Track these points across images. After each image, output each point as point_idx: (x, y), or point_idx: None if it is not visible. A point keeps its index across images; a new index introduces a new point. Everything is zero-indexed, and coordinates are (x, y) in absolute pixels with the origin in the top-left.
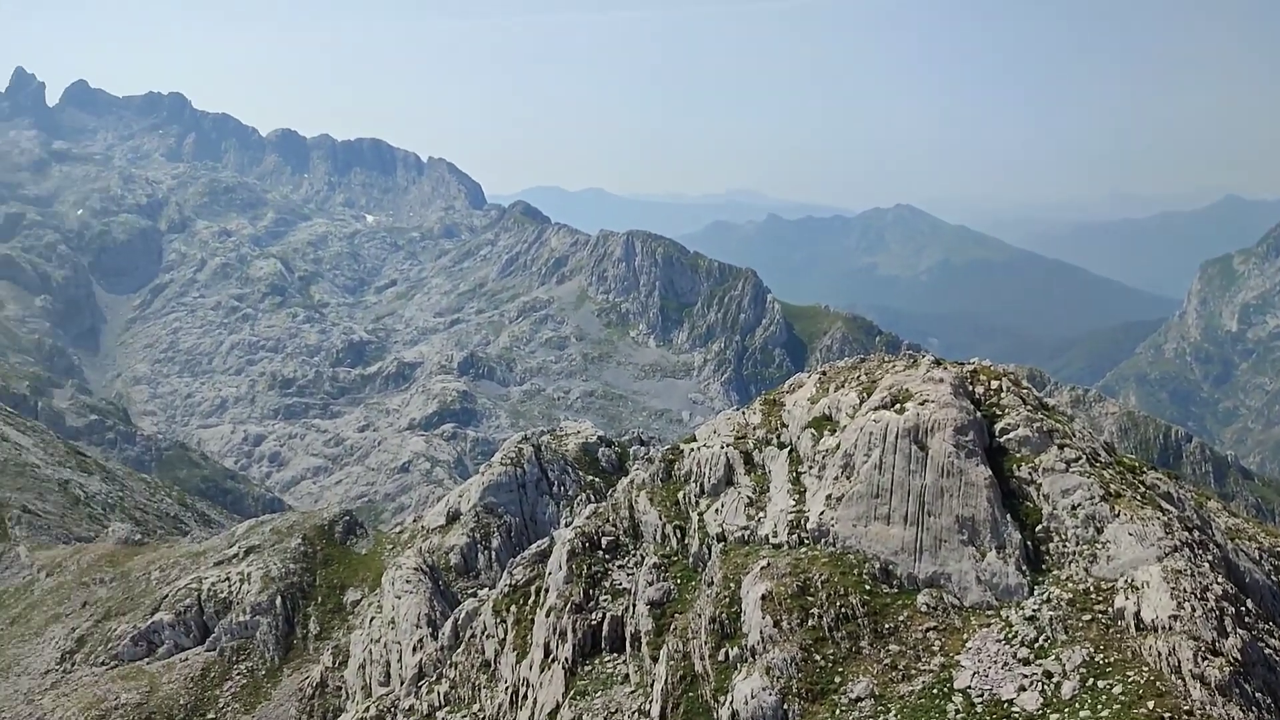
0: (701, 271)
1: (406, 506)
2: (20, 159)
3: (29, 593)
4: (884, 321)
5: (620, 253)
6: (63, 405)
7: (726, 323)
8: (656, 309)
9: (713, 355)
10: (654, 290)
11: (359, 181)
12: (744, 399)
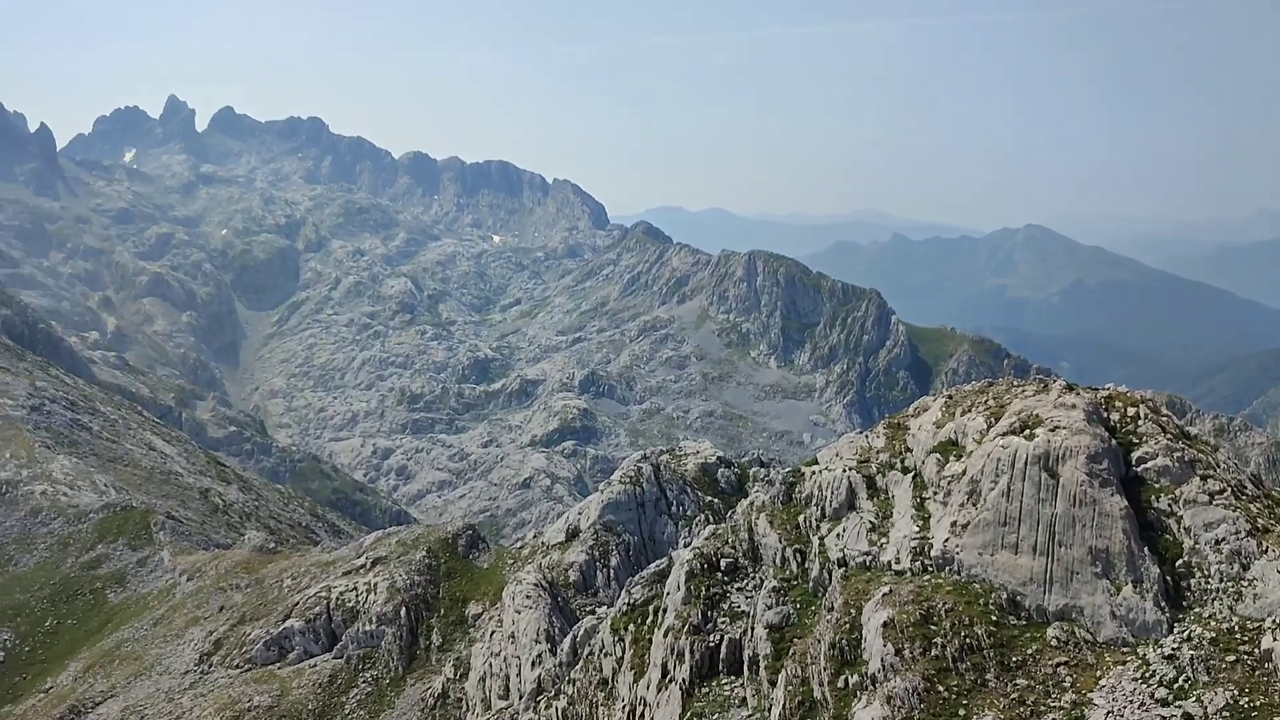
0: (824, 292)
1: (527, 522)
2: (171, 182)
3: (171, 595)
4: (1012, 344)
5: (742, 272)
6: (205, 417)
7: (849, 344)
8: (778, 329)
9: (835, 377)
10: (775, 310)
11: (486, 203)
12: (867, 422)
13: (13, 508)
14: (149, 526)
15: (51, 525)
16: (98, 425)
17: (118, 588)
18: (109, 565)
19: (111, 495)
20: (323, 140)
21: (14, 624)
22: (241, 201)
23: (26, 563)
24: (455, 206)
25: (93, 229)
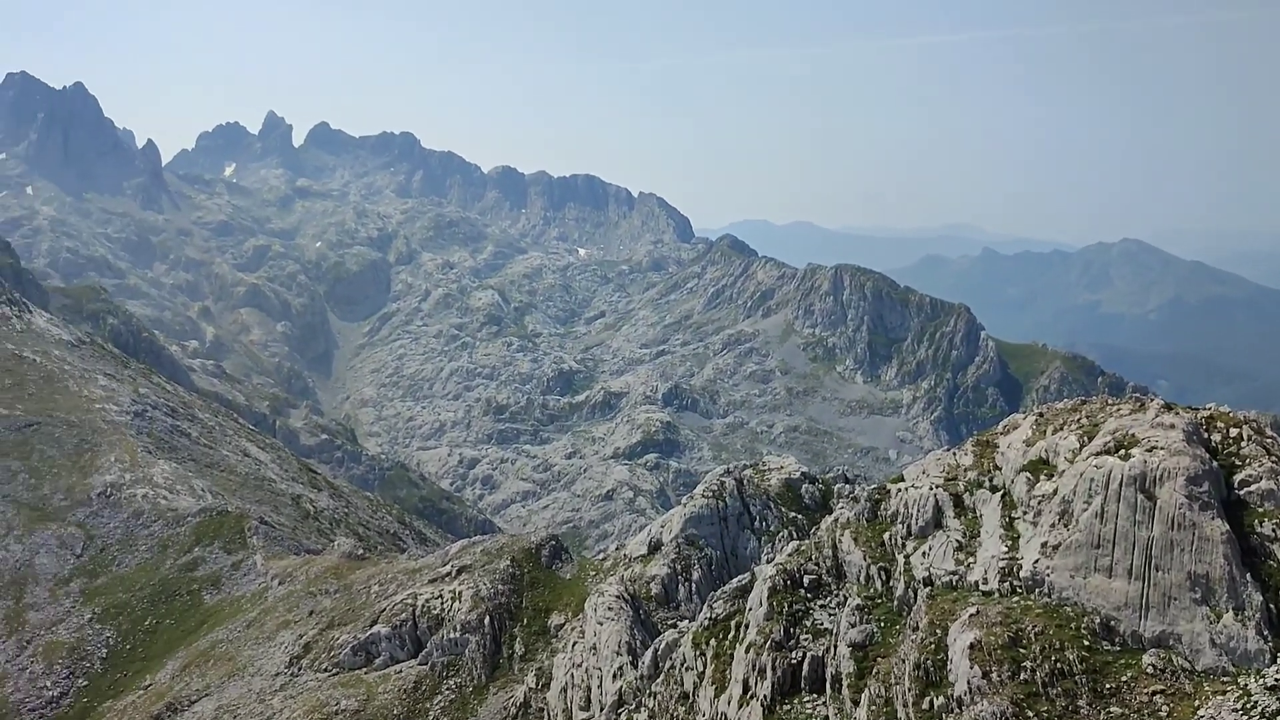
0: (912, 306)
1: (609, 534)
2: (269, 195)
3: (263, 599)
4: (1107, 362)
5: (828, 286)
6: (298, 425)
7: (937, 360)
8: (864, 344)
9: (922, 393)
10: (862, 325)
11: (573, 216)
12: (954, 439)
13: (116, 510)
14: (243, 531)
15: (152, 528)
16: (196, 431)
17: (213, 589)
18: (205, 568)
19: (208, 500)
20: (414, 155)
21: (116, 622)
22: (335, 215)
23: (129, 563)
24: (542, 220)
25: (194, 241)
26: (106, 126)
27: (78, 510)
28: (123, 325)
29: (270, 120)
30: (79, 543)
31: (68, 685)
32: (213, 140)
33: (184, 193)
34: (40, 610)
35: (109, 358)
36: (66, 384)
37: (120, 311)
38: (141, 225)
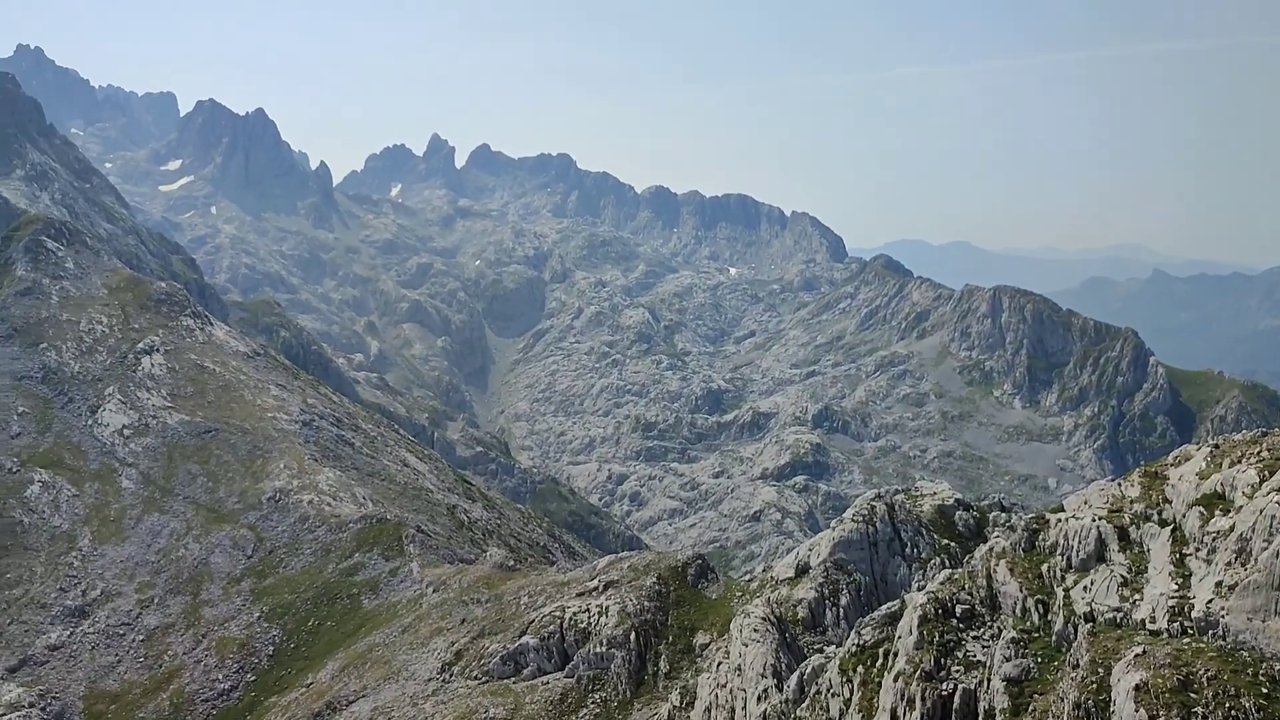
0: (1075, 330)
1: (756, 555)
2: (431, 215)
3: (418, 605)
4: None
5: (986, 308)
6: (454, 437)
7: (1102, 386)
8: (1023, 368)
9: (1085, 420)
10: (1021, 349)
11: (724, 235)
12: (1119, 469)
13: (285, 514)
14: (401, 539)
15: (317, 532)
16: (359, 441)
17: (371, 594)
18: (365, 573)
19: (369, 507)
20: (570, 175)
21: (282, 622)
22: (494, 234)
23: (294, 566)
24: (694, 239)
25: (361, 259)
26: (283, 150)
27: (250, 513)
28: (294, 338)
29: (434, 143)
30: (250, 544)
31: (237, 679)
32: (380, 162)
33: (353, 212)
34: (214, 607)
35: (281, 369)
36: (242, 393)
37: (292, 325)
38: (313, 243)
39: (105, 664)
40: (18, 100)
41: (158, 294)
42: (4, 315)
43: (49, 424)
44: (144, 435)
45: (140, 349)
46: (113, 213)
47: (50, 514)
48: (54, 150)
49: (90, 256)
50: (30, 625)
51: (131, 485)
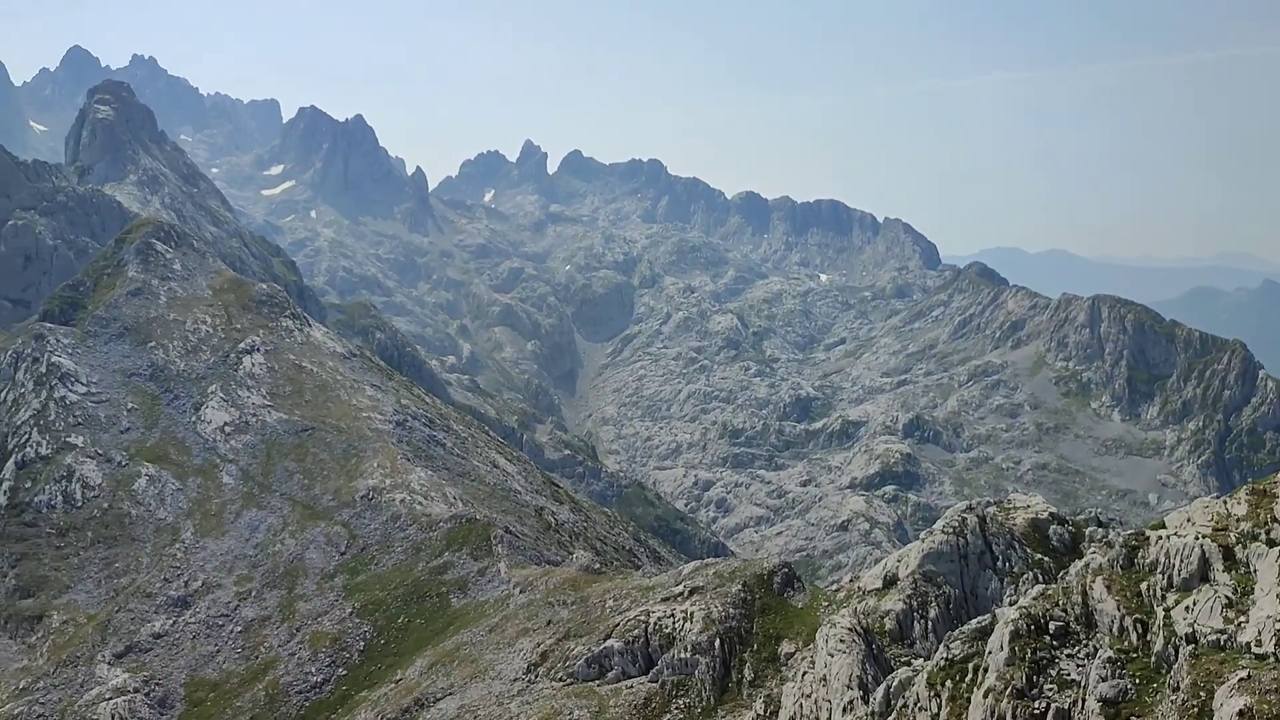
0: (1178, 342)
1: (843, 565)
2: (524, 220)
3: (505, 605)
4: None
5: (1084, 318)
6: (543, 439)
7: (1206, 399)
8: (1123, 380)
9: (1188, 435)
10: (1121, 360)
11: (815, 241)
12: (1225, 486)
13: (377, 513)
14: (489, 539)
15: (408, 531)
16: (450, 442)
17: (460, 594)
18: (453, 572)
19: (459, 507)
20: (661, 181)
21: (373, 619)
22: (584, 239)
23: (386, 563)
24: (784, 245)
25: (455, 263)
26: (381, 155)
27: (343, 511)
28: (389, 340)
29: (527, 149)
30: (343, 541)
31: (329, 673)
32: (474, 168)
33: (447, 217)
34: (308, 601)
35: (376, 370)
36: (338, 393)
37: (387, 327)
38: (409, 247)
39: (205, 653)
40: (132, 108)
41: (259, 295)
42: (116, 314)
43: (156, 420)
44: (244, 432)
45: (242, 348)
46: (218, 216)
47: (156, 507)
48: (164, 156)
49: (196, 258)
50: (136, 613)
51: (232, 481)
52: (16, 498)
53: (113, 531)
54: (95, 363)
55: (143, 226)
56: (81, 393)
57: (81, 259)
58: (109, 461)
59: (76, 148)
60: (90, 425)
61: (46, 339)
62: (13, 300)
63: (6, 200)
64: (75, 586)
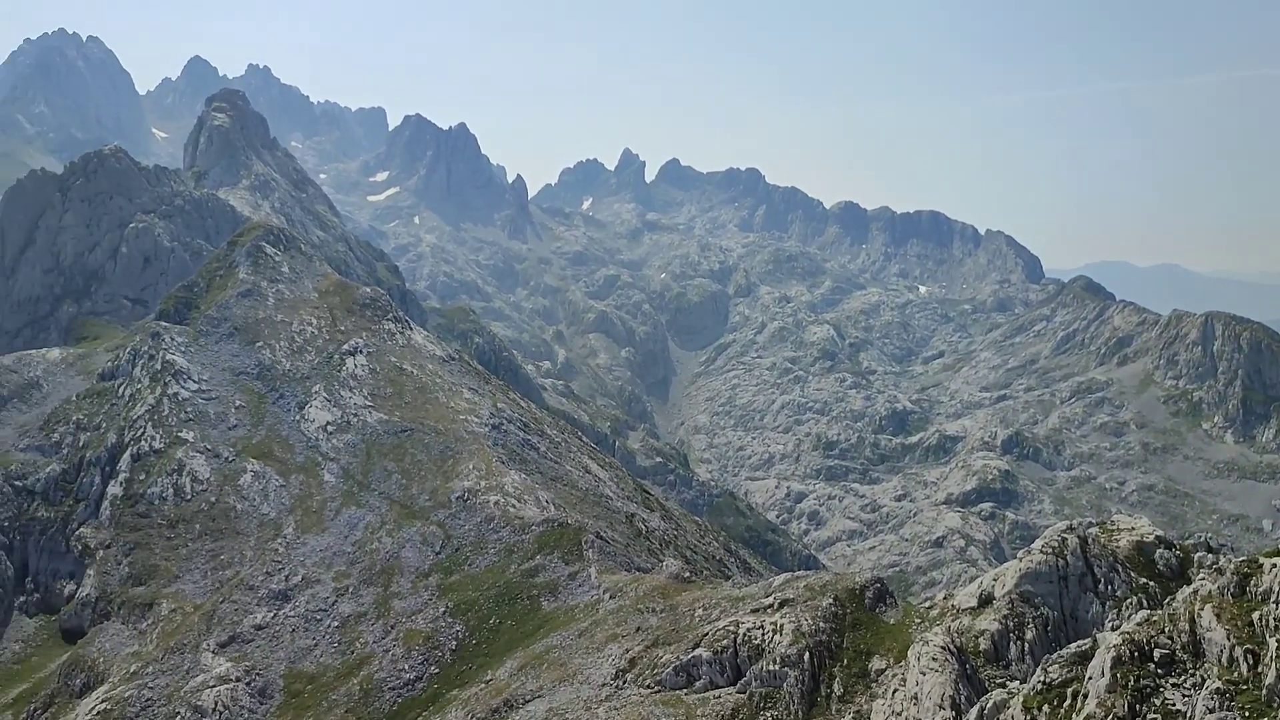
0: None
1: (937, 582)
2: (620, 228)
3: (595, 611)
4: None
5: (1196, 335)
6: (635, 446)
7: None
8: (1237, 400)
9: None
10: (1235, 379)
11: (914, 253)
12: None
13: (472, 514)
14: (580, 544)
15: (501, 533)
16: (544, 446)
17: (550, 597)
18: (544, 575)
19: (551, 511)
20: (758, 190)
21: (466, 618)
22: (680, 247)
23: (479, 564)
24: (882, 256)
25: (552, 269)
26: (483, 163)
27: (439, 511)
28: (486, 344)
29: (625, 157)
30: (438, 541)
31: (422, 670)
32: (573, 176)
33: (546, 224)
34: (403, 599)
35: (473, 373)
36: (437, 395)
37: (485, 331)
38: (508, 253)
39: (303, 646)
40: (247, 115)
41: (363, 299)
42: (226, 314)
43: (261, 417)
44: (345, 432)
45: (345, 350)
46: (325, 221)
47: (260, 502)
48: (275, 162)
49: (304, 262)
50: (239, 605)
51: (332, 479)
52: (131, 489)
53: (219, 525)
54: (206, 361)
55: (253, 230)
56: (193, 389)
57: (196, 261)
58: (217, 457)
59: (194, 153)
60: (200, 421)
61: (162, 337)
62: (132, 299)
63: (129, 204)
64: (183, 576)
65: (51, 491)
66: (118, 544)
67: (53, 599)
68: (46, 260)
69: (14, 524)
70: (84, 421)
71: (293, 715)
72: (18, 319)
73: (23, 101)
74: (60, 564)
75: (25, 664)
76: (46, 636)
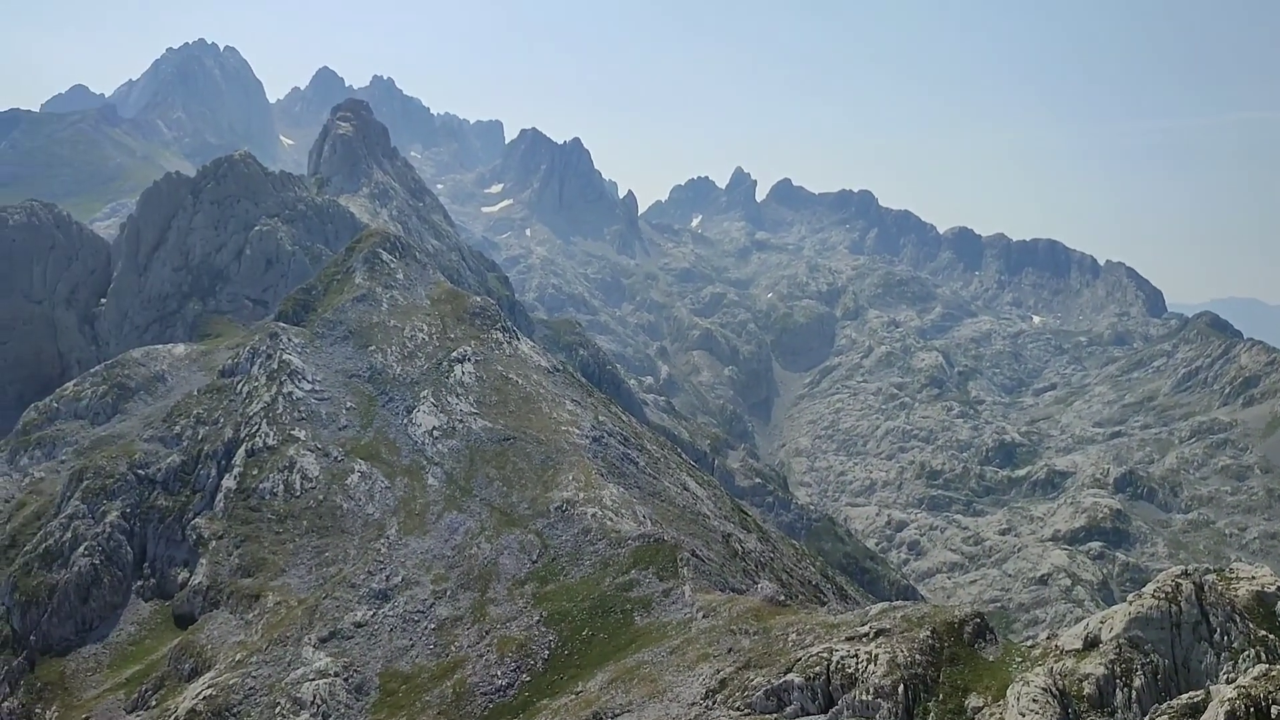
0: None
1: (1040, 620)
2: (729, 246)
3: (687, 629)
4: None
5: None
6: (734, 466)
7: None
8: None
9: None
10: None
11: (1029, 282)
12: None
13: (569, 525)
14: (675, 561)
15: (597, 545)
16: (643, 461)
17: (644, 612)
18: (639, 590)
19: (648, 526)
20: (870, 213)
21: (559, 629)
22: (789, 268)
23: (574, 575)
24: (996, 284)
25: (659, 285)
26: (595, 178)
27: (538, 520)
28: (591, 357)
29: (737, 176)
30: (536, 550)
31: (514, 678)
32: (684, 193)
33: (654, 240)
34: (499, 606)
35: (577, 385)
36: (540, 405)
37: (590, 344)
38: (615, 268)
39: (400, 646)
40: (370, 125)
41: (473, 308)
42: (342, 318)
43: (371, 419)
44: (450, 437)
45: (454, 357)
46: (440, 230)
47: (365, 502)
48: (395, 171)
49: (418, 269)
50: (341, 602)
51: (436, 483)
52: (244, 483)
53: (325, 522)
54: (321, 362)
55: (371, 237)
56: (307, 389)
57: (315, 264)
58: (326, 456)
59: (318, 160)
60: (312, 420)
61: (280, 338)
62: (253, 299)
63: (255, 207)
64: (289, 571)
65: (171, 482)
66: (229, 535)
67: (167, 585)
68: (176, 259)
69: (135, 511)
70: (204, 416)
71: (387, 713)
72: (148, 314)
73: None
74: (176, 551)
75: (139, 646)
76: (160, 621)
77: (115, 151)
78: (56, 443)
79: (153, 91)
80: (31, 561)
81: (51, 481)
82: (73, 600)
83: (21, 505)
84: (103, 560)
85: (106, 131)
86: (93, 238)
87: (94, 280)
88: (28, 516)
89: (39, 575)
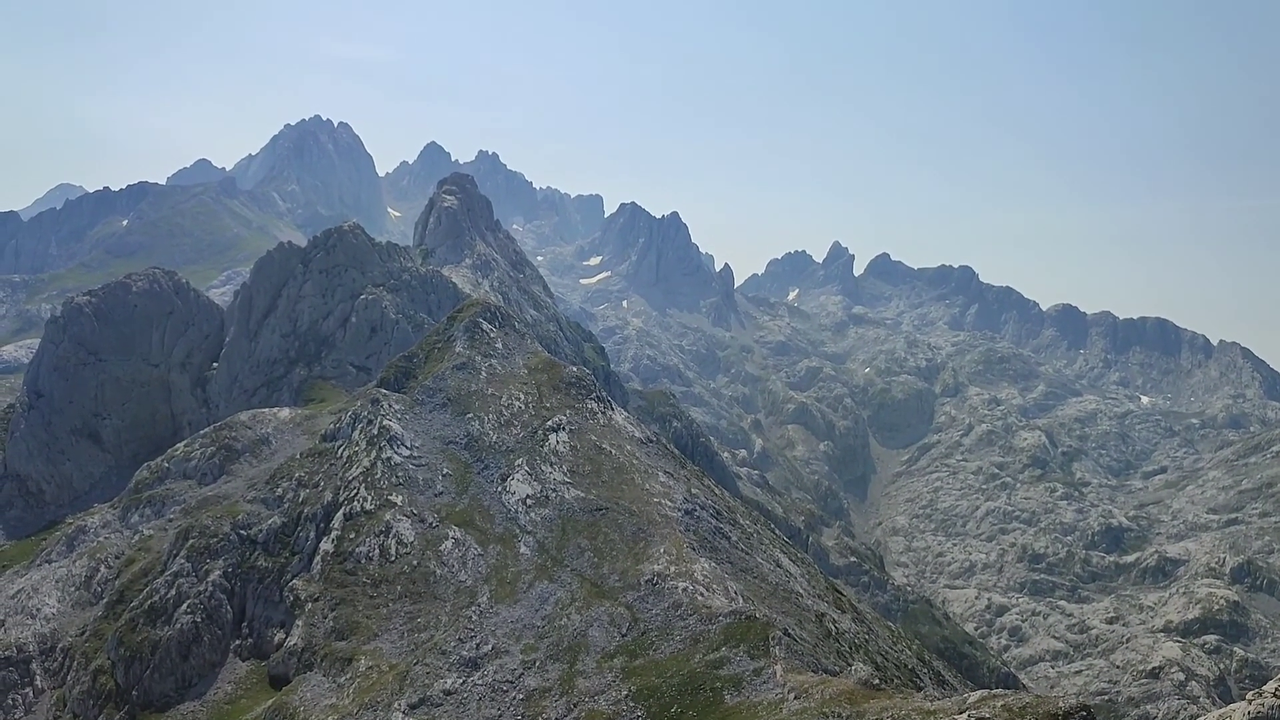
0: None
1: (1151, 717)
2: (826, 320)
3: (778, 710)
4: None
5: None
6: (829, 544)
7: None
8: None
9: None
10: None
11: (1137, 361)
12: None
13: (659, 598)
14: (767, 639)
15: (688, 621)
16: (736, 536)
17: (734, 691)
18: (729, 668)
19: (739, 603)
20: (971, 288)
21: (647, 704)
22: (886, 343)
23: (664, 651)
24: (1102, 363)
25: (754, 358)
26: (692, 251)
27: (628, 593)
28: (684, 429)
29: (834, 250)
30: (625, 623)
31: None
32: (780, 266)
33: (750, 313)
34: (587, 678)
35: (670, 457)
36: (633, 476)
37: (683, 416)
38: (710, 340)
39: (488, 716)
40: (474, 198)
41: (569, 377)
42: (441, 385)
43: (466, 486)
44: (543, 506)
45: (549, 426)
46: (539, 301)
47: (458, 569)
48: (497, 243)
49: (516, 339)
50: (431, 668)
51: (528, 552)
52: (342, 546)
53: (419, 588)
54: (419, 429)
55: (472, 307)
56: (405, 455)
57: (418, 333)
58: (422, 521)
59: (423, 232)
60: (409, 486)
61: (381, 404)
62: (357, 366)
63: (361, 276)
64: (382, 635)
65: (271, 543)
66: (325, 598)
67: (264, 645)
68: (285, 325)
69: (236, 571)
70: (305, 479)
71: None
72: (256, 378)
73: (279, 180)
74: (273, 612)
75: (235, 705)
76: (255, 681)
77: (233, 222)
78: (166, 501)
79: (270, 165)
80: (137, 617)
81: (159, 539)
82: (174, 657)
83: (130, 562)
84: (204, 619)
85: (226, 203)
86: (208, 304)
87: (208, 345)
88: (135, 573)
89: (143, 631)
